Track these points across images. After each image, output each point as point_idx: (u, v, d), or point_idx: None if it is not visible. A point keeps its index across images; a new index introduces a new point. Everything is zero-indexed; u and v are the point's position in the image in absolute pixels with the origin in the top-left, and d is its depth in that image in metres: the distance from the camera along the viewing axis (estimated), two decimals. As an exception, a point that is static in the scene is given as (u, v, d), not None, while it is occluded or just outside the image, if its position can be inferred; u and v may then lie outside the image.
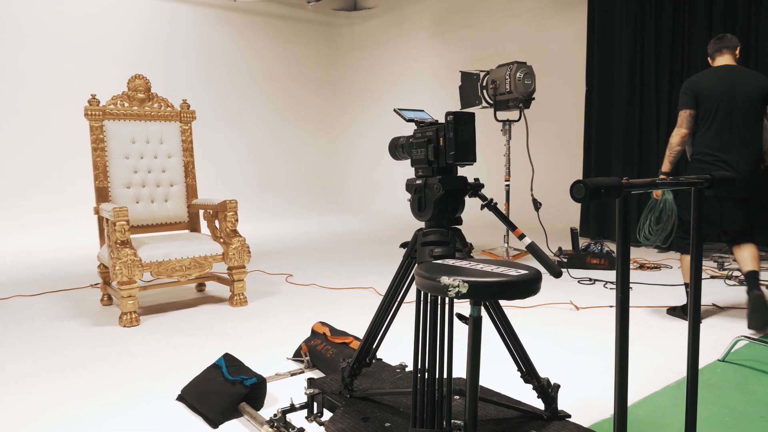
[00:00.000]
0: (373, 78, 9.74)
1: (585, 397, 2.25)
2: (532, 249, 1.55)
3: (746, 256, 3.20)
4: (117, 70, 7.30)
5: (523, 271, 1.32)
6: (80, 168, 6.84)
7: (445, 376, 1.45)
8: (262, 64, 8.88)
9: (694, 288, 1.34)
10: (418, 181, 1.70)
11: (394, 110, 1.77)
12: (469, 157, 1.60)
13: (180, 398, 2.30)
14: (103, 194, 3.77)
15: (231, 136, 8.55)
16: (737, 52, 3.30)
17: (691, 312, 1.35)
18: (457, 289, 1.24)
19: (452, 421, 1.48)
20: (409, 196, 1.72)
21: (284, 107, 9.21)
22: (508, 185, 4.94)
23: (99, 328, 3.33)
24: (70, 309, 3.80)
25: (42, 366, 2.71)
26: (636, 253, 5.43)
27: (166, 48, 7.88)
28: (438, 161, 1.65)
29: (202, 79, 8.23)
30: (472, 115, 1.61)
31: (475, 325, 1.32)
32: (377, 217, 8.74)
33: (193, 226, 4.15)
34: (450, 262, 1.46)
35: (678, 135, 3.31)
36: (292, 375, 2.52)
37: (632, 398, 2.23)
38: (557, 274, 1.51)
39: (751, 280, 3.09)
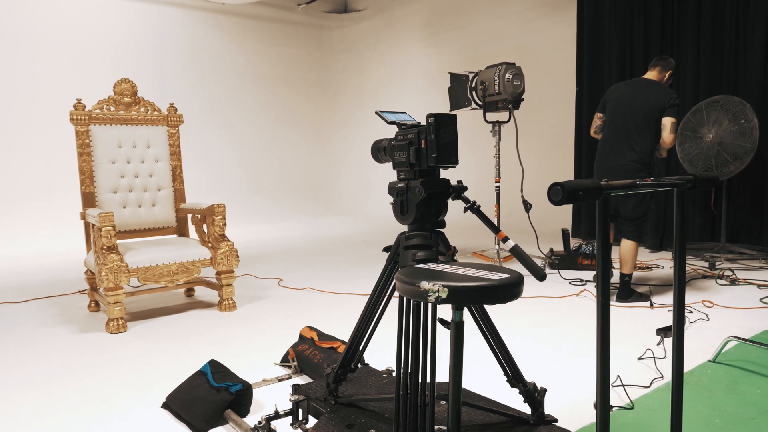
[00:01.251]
0: (364, 80, 9.72)
1: (573, 400, 2.23)
2: (516, 252, 1.53)
3: (623, 254, 3.73)
4: (105, 73, 7.24)
5: (504, 275, 1.30)
6: (67, 173, 6.76)
7: (428, 381, 1.43)
8: (252, 67, 8.84)
9: (678, 290, 1.32)
10: (400, 184, 1.68)
11: (376, 112, 1.75)
12: (451, 160, 1.58)
13: (165, 406, 2.27)
14: (89, 199, 3.73)
15: (221, 140, 8.51)
16: (667, 74, 3.78)
17: (676, 314, 1.33)
18: (437, 294, 1.22)
19: (436, 426, 1.46)
20: (391, 199, 1.70)
21: (274, 110, 9.17)
22: (498, 187, 4.93)
23: (86, 335, 3.29)
24: (57, 315, 3.76)
25: (28, 373, 2.67)
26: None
27: (155, 51, 7.83)
28: (420, 164, 1.63)
29: (192, 83, 8.19)
30: (454, 116, 1.59)
31: (456, 330, 1.30)
32: (369, 220, 8.71)
33: (181, 230, 4.11)
34: (431, 266, 1.44)
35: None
36: (280, 381, 2.49)
37: (621, 400, 2.21)
38: (541, 278, 1.49)
39: (624, 285, 3.72)
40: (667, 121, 3.60)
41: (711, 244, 5.31)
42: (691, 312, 3.41)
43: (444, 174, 1.71)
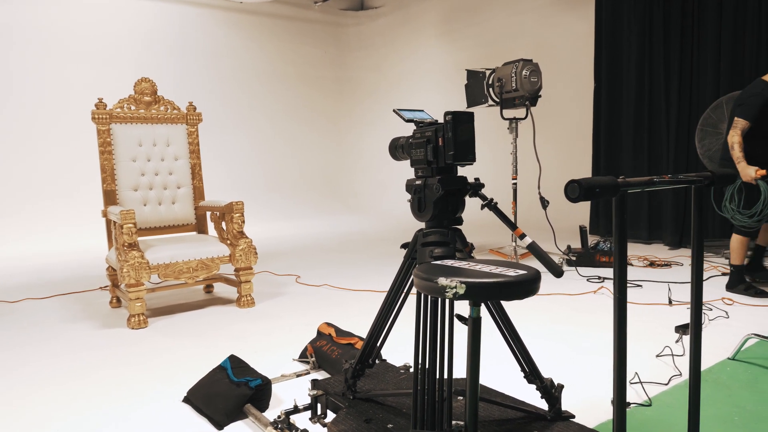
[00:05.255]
0: (381, 78, 9.73)
1: (590, 397, 2.23)
2: (533, 249, 1.53)
3: (730, 246, 3.87)
4: (126, 73, 7.35)
5: (521, 272, 1.31)
6: (89, 171, 6.89)
7: (445, 376, 1.45)
8: (269, 65, 8.90)
9: (695, 287, 1.32)
10: (417, 182, 1.69)
11: (394, 110, 1.76)
12: (469, 157, 1.59)
13: (186, 400, 2.31)
14: (110, 197, 3.80)
15: (239, 138, 8.59)
16: None
17: (693, 311, 1.33)
18: (454, 290, 1.23)
19: (453, 422, 1.47)
20: (409, 196, 1.71)
21: (292, 108, 9.23)
22: (515, 184, 4.92)
23: (107, 330, 3.35)
24: (79, 312, 3.83)
25: (50, 368, 2.74)
26: (646, 251, 5.38)
27: (174, 50, 7.92)
28: (437, 161, 1.64)
29: (210, 81, 8.27)
30: (471, 114, 1.60)
31: (474, 326, 1.31)
32: (385, 217, 8.73)
33: (200, 228, 4.16)
34: (449, 262, 1.46)
35: None
36: (298, 376, 2.53)
37: (640, 397, 2.20)
38: (558, 274, 1.50)
39: (730, 274, 3.84)
40: (734, 120, 3.62)
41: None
42: (711, 309, 3.38)
43: (461, 171, 1.72)
